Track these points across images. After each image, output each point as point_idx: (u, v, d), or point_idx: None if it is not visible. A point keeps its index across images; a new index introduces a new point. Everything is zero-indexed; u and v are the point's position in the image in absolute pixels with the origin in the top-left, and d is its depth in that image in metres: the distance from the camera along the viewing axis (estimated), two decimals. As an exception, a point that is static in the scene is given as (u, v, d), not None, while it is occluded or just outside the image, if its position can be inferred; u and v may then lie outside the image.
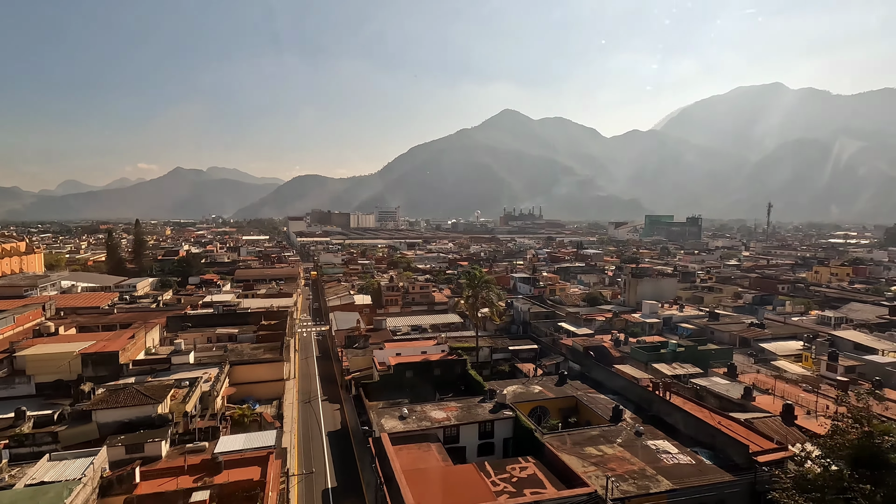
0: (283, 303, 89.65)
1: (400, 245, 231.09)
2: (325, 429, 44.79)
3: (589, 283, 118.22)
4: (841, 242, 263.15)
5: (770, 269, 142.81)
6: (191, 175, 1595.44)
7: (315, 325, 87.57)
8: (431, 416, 37.11)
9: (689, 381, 44.31)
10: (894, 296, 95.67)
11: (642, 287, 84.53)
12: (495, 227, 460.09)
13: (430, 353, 52.93)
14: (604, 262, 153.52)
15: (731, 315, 72.53)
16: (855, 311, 72.97)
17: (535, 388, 43.81)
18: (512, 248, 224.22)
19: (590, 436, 34.66)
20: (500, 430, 37.45)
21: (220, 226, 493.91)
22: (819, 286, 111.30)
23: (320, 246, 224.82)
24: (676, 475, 29.28)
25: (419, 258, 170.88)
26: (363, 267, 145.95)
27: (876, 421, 19.00)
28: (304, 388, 55.75)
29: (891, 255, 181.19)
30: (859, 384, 43.25)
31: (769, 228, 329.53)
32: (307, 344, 74.57)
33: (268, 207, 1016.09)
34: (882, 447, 16.38)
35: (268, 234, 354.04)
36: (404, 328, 75.30)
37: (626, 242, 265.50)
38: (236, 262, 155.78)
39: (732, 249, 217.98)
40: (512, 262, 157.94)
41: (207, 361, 50.39)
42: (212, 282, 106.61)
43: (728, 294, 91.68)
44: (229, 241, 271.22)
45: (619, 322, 69.79)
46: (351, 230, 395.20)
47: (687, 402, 38.62)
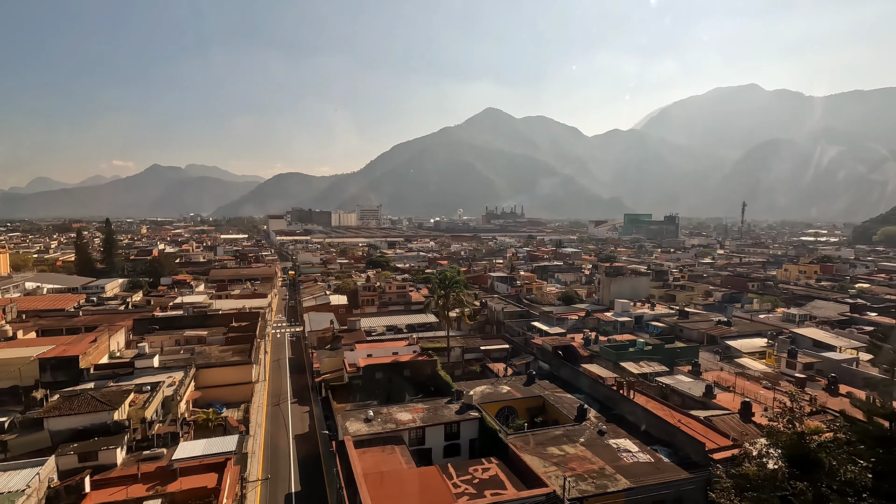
0: (257, 304, 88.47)
1: (380, 244, 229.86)
2: (293, 432, 44.29)
3: (566, 282, 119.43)
4: (812, 240, 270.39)
5: (742, 267, 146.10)
6: (168, 172, 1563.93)
7: (290, 326, 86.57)
8: (397, 418, 36.98)
9: (655, 379, 44.97)
10: (857, 293, 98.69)
11: (616, 286, 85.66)
12: (477, 225, 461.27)
13: (401, 354, 52.78)
14: (581, 261, 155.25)
15: (701, 313, 73.94)
16: (818, 308, 75.05)
17: (503, 388, 44.00)
18: (493, 247, 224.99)
19: (553, 435, 34.95)
20: (466, 431, 37.52)
21: (198, 224, 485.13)
22: (787, 284, 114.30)
23: (299, 245, 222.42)
24: (635, 474, 29.71)
25: (399, 257, 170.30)
26: (342, 266, 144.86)
27: (809, 421, 19.54)
28: (275, 390, 55.08)
29: (857, 253, 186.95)
30: (816, 381, 44.56)
31: (743, 227, 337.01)
32: (280, 345, 73.69)
33: (249, 205, 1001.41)
34: (811, 447, 16.83)
35: (247, 233, 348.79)
36: (379, 328, 74.94)
37: (606, 241, 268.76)
38: (212, 262, 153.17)
39: (708, 248, 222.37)
40: (492, 261, 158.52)
41: (173, 365, 49.43)
42: (185, 282, 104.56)
43: (699, 292, 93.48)
44: (207, 240, 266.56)
45: (591, 321, 70.59)
46: (332, 229, 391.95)
47: (650, 400, 39.22)
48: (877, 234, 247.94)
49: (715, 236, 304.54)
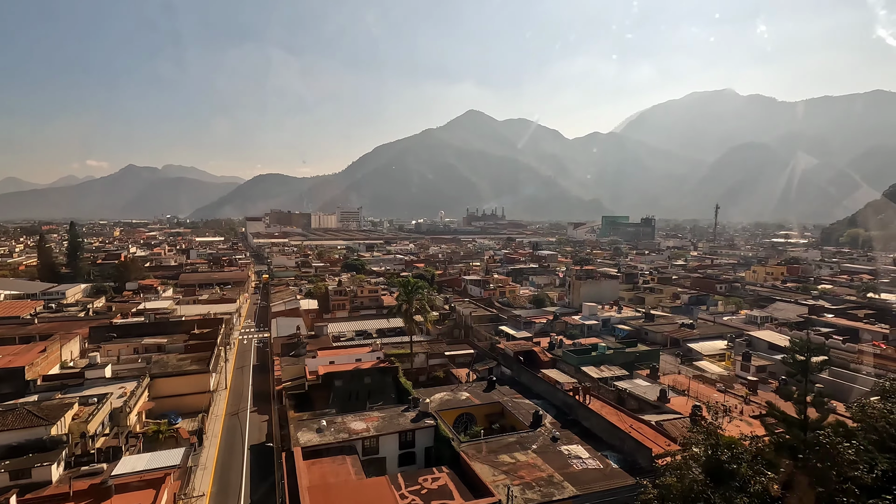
0: (224, 309, 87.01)
1: (358, 246, 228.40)
2: (249, 442, 43.42)
3: (540, 285, 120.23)
4: (782, 242, 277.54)
5: (713, 269, 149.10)
6: (144, 173, 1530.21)
7: (258, 332, 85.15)
8: (351, 427, 36.51)
9: (613, 383, 45.40)
10: (819, 294, 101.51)
11: (585, 289, 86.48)
12: (458, 227, 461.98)
13: (364, 361, 52.19)
14: (557, 263, 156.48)
15: (666, 316, 75.11)
16: (779, 310, 76.86)
17: (462, 394, 43.87)
18: (471, 249, 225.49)
19: (507, 443, 34.93)
20: (422, 439, 37.25)
21: (174, 227, 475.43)
22: (754, 285, 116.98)
23: (275, 248, 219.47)
24: (582, 481, 29.83)
25: (376, 260, 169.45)
26: (317, 270, 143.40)
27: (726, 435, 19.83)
28: (236, 399, 54.00)
29: (823, 255, 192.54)
30: (769, 383, 45.54)
31: (716, 229, 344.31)
32: (246, 352, 72.34)
33: (228, 207, 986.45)
34: (722, 458, 17.06)
35: (224, 236, 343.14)
36: (349, 333, 74.27)
37: (583, 243, 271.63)
38: (183, 266, 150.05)
39: (682, 249, 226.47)
40: (469, 264, 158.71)
41: (126, 375, 48.04)
42: (151, 287, 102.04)
43: (667, 294, 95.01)
44: (181, 242, 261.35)
45: (559, 324, 71.11)
46: (311, 231, 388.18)
47: (605, 405, 39.54)
48: (843, 236, 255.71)
49: (690, 238, 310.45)
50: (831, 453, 15.65)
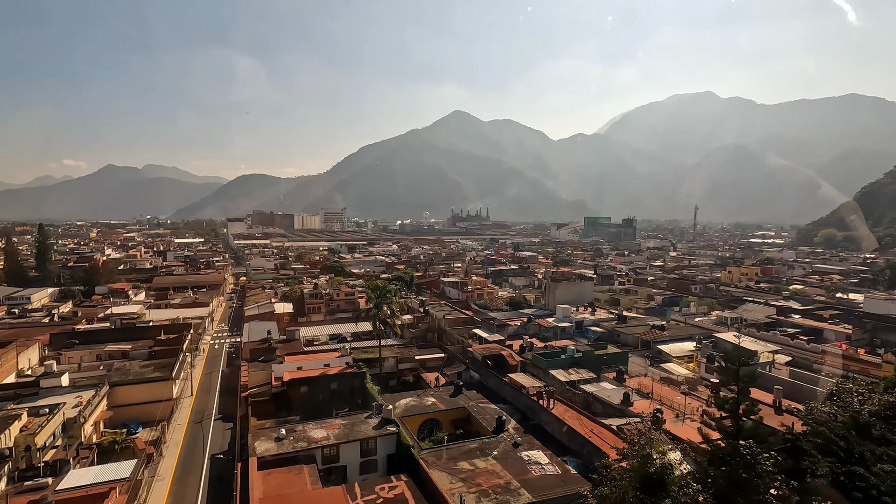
0: (196, 313, 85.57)
1: (340, 248, 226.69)
2: (211, 452, 42.51)
3: (519, 286, 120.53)
4: (759, 242, 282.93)
5: (691, 270, 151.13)
6: (124, 173, 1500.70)
7: (231, 336, 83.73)
8: (310, 435, 35.98)
9: (580, 387, 45.51)
10: (790, 294, 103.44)
11: (561, 290, 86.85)
12: (443, 228, 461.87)
13: (333, 366, 51.63)
14: (538, 264, 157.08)
15: (639, 317, 75.77)
16: (749, 311, 78.08)
17: (428, 399, 43.60)
18: (454, 250, 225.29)
19: (467, 449, 34.72)
20: (384, 446, 36.91)
21: (153, 227, 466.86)
22: (728, 286, 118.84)
23: (256, 249, 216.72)
24: (539, 487, 29.75)
25: (357, 262, 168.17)
26: (296, 272, 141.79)
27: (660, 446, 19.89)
28: (201, 406, 52.90)
29: (798, 255, 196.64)
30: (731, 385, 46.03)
31: (696, 229, 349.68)
32: (217, 357, 71.02)
33: (210, 208, 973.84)
34: (649, 469, 17.09)
35: (205, 237, 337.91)
36: (323, 337, 73.34)
37: (566, 243, 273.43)
38: (158, 269, 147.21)
39: (662, 250, 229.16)
40: (450, 265, 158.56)
41: (85, 383, 46.68)
42: (122, 291, 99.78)
43: (642, 295, 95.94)
44: (159, 244, 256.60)
45: (533, 327, 71.21)
46: (294, 232, 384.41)
47: (569, 409, 39.54)
48: (817, 237, 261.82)
49: (670, 239, 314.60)
50: (752, 464, 15.74)
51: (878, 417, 24.87)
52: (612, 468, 19.53)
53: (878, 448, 21.74)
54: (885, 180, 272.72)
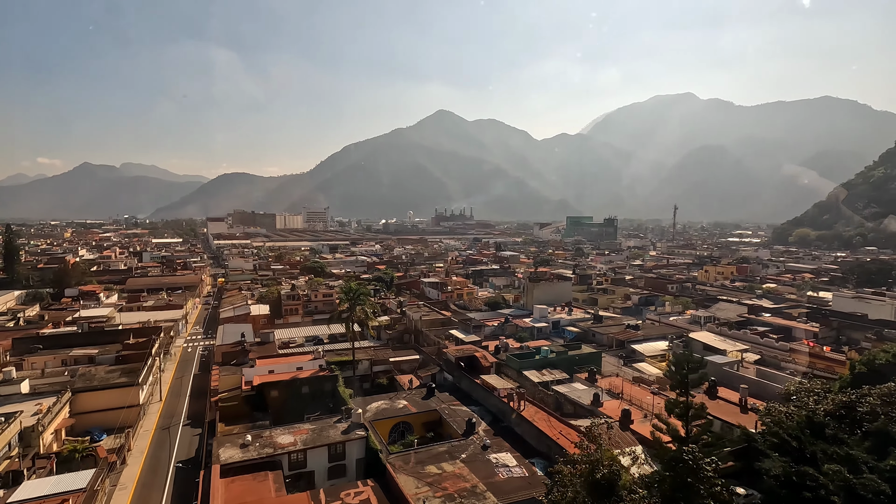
0: (169, 316, 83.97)
1: (322, 248, 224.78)
2: (177, 459, 41.62)
3: (499, 286, 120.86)
4: (736, 241, 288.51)
5: (669, 269, 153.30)
6: (101, 171, 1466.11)
7: (205, 339, 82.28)
8: (277, 441, 35.42)
9: (552, 387, 45.67)
10: (763, 293, 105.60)
11: (539, 291, 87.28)
12: (426, 227, 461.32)
13: (305, 369, 51.05)
14: (519, 264, 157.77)
15: (614, 317, 76.49)
16: (722, 309, 79.41)
17: (400, 402, 43.32)
18: (437, 250, 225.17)
19: (436, 452, 34.55)
20: (353, 451, 36.50)
21: (131, 227, 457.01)
22: (704, 285, 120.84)
23: (235, 250, 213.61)
24: (505, 490, 29.72)
25: (338, 262, 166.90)
26: (275, 273, 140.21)
27: (611, 451, 20.03)
28: (170, 412, 51.82)
29: (773, 254, 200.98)
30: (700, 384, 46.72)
31: (675, 229, 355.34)
32: (189, 361, 69.70)
33: (191, 207, 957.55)
34: (597, 476, 17.17)
35: (184, 237, 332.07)
36: (299, 339, 72.59)
37: (548, 243, 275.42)
38: (133, 270, 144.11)
39: (641, 249, 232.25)
40: (431, 265, 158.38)
41: (47, 390, 45.40)
42: (93, 293, 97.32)
43: (619, 295, 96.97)
44: (136, 244, 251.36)
45: (510, 327, 71.37)
46: (276, 232, 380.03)
47: (540, 410, 39.63)
48: (792, 236, 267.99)
49: (650, 238, 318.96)
50: (694, 469, 15.88)
51: (833, 417, 25.40)
52: (562, 472, 19.54)
53: (831, 448, 22.14)
54: (856, 180, 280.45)
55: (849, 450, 20.89)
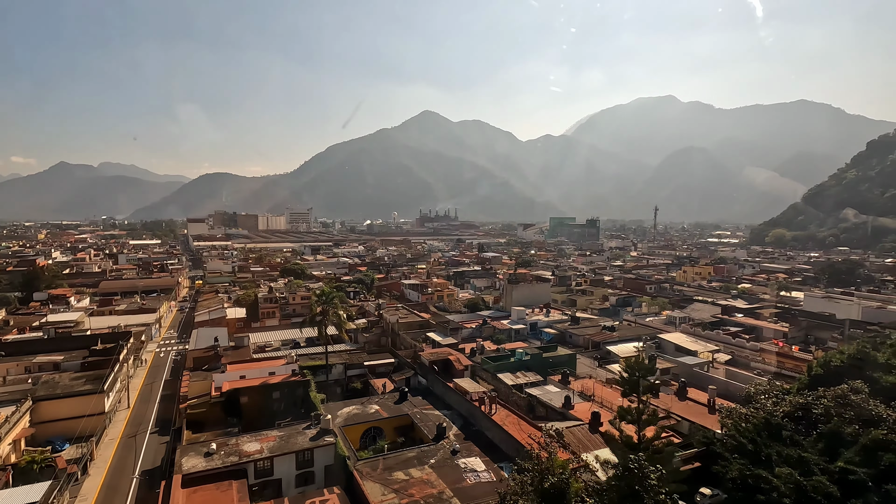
0: (142, 320, 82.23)
1: (304, 249, 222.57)
2: (142, 468, 40.61)
3: (481, 288, 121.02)
4: (715, 242, 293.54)
5: (648, 269, 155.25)
6: (78, 171, 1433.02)
7: (179, 344, 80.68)
8: (243, 449, 34.76)
9: (525, 390, 45.74)
10: (738, 293, 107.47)
11: (518, 292, 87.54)
12: (411, 228, 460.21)
13: (278, 374, 50.30)
14: (501, 265, 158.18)
15: (591, 318, 77.05)
16: (696, 310, 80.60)
17: (372, 407, 42.93)
18: (420, 251, 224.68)
19: (405, 458, 34.27)
20: (321, 457, 35.98)
21: (109, 228, 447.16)
22: (682, 285, 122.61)
23: (215, 251, 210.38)
24: (471, 496, 29.57)
25: (319, 264, 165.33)
26: (254, 275, 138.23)
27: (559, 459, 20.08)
28: (138, 419, 50.59)
29: (749, 254, 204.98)
30: (671, 385, 47.29)
31: (656, 229, 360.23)
32: (161, 366, 68.23)
33: (172, 208, 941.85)
34: (545, 485, 17.16)
35: (163, 239, 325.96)
36: (276, 343, 71.67)
37: (531, 243, 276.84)
38: (107, 273, 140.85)
39: (623, 250, 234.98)
40: (413, 267, 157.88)
41: (6, 398, 43.96)
42: (63, 297, 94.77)
43: (598, 296, 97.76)
44: (113, 246, 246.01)
45: (487, 329, 71.39)
46: (258, 233, 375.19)
47: (511, 414, 39.68)
48: (768, 236, 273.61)
49: (632, 238, 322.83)
50: (640, 477, 15.95)
51: (791, 418, 25.80)
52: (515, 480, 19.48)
53: (785, 450, 22.45)
54: (829, 182, 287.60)
55: (802, 452, 21.21)
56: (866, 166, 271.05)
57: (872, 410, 22.79)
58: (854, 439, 21.29)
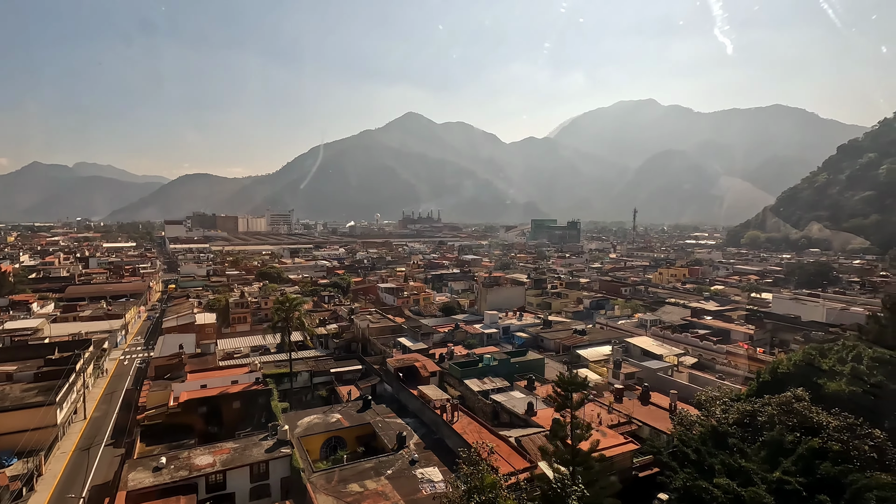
0: (106, 326, 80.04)
1: (283, 252, 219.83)
2: (94, 483, 39.26)
3: (458, 291, 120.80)
4: (693, 243, 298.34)
5: (625, 271, 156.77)
6: (52, 171, 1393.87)
7: (146, 351, 78.67)
8: (194, 462, 33.79)
9: (490, 397, 45.45)
10: (710, 295, 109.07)
11: (492, 295, 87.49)
12: (393, 230, 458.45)
13: (241, 382, 49.27)
14: (480, 268, 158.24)
15: (563, 321, 77.30)
16: (667, 312, 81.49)
17: (333, 416, 42.22)
18: (400, 254, 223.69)
19: (362, 469, 33.68)
20: (277, 470, 35.19)
21: (83, 230, 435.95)
22: (656, 287, 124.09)
23: (191, 254, 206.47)
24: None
25: (296, 267, 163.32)
26: (229, 279, 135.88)
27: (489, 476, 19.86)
28: (95, 431, 49.02)
29: (725, 256, 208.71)
30: (635, 389, 47.51)
31: (636, 231, 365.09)
32: (125, 375, 66.37)
33: (150, 209, 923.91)
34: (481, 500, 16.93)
35: (139, 241, 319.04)
36: (245, 349, 70.31)
37: (513, 246, 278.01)
38: (76, 277, 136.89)
39: (602, 252, 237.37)
40: (393, 269, 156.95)
41: (-51, 413, 42.10)
42: (25, 303, 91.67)
43: (572, 299, 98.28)
44: (86, 248, 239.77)
45: (459, 333, 71.03)
46: (237, 235, 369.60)
47: (473, 422, 39.33)
48: (744, 238, 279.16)
49: (612, 240, 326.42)
50: (562, 496, 15.76)
51: (740, 425, 25.90)
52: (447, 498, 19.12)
53: (728, 459, 22.49)
54: (802, 185, 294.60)
55: (743, 461, 21.26)
56: (837, 170, 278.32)
57: (814, 418, 23.02)
58: (793, 448, 21.43)
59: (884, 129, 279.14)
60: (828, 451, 20.76)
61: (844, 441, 21.93)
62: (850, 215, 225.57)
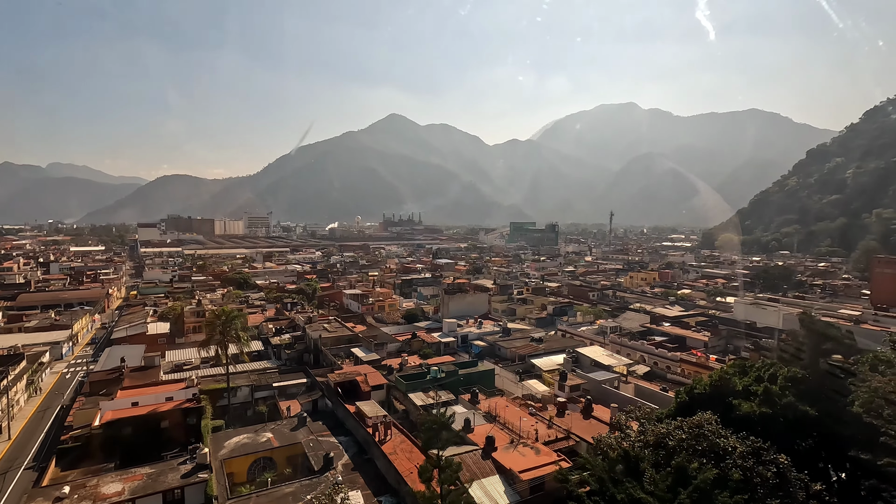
0: (52, 338, 77.12)
1: (256, 256, 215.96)
2: (2, 511, 36.98)
3: (428, 296, 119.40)
4: (668, 246, 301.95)
5: (597, 275, 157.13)
6: (23, 171, 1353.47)
7: (93, 363, 75.60)
8: (101, 491, 31.90)
9: (432, 411, 44.22)
10: (676, 299, 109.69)
11: (455, 303, 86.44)
12: (373, 233, 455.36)
13: (175, 399, 47.28)
14: (454, 272, 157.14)
15: (523, 329, 76.62)
16: (628, 319, 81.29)
17: (264, 436, 40.59)
18: (377, 257, 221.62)
19: (281, 495, 32.21)
20: (194, 496, 33.46)
21: (53, 233, 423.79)
22: (625, 292, 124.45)
23: (159, 259, 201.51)
24: (338, 537, 27.87)
25: (266, 272, 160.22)
26: (194, 284, 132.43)
27: None
28: (17, 453, 46.47)
29: (697, 258, 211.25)
30: (579, 402, 46.79)
31: (614, 234, 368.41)
32: (64, 390, 63.54)
33: (127, 211, 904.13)
34: None
35: (111, 244, 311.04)
36: (196, 361, 67.91)
37: (492, 249, 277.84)
38: (31, 284, 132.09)
39: (579, 255, 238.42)
40: (366, 274, 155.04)
41: None
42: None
43: (537, 305, 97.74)
44: (53, 253, 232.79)
45: (416, 343, 69.76)
46: (213, 238, 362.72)
47: (406, 440, 38.08)
48: (718, 240, 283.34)
49: (590, 243, 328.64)
50: None
51: (655, 448, 25.04)
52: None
53: (632, 488, 21.60)
54: (773, 188, 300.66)
55: (639, 492, 20.39)
56: (806, 174, 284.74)
57: (721, 443, 22.34)
58: (695, 476, 20.65)
59: (850, 135, 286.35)
60: (727, 481, 20.05)
61: (748, 468, 21.24)
62: (818, 218, 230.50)
